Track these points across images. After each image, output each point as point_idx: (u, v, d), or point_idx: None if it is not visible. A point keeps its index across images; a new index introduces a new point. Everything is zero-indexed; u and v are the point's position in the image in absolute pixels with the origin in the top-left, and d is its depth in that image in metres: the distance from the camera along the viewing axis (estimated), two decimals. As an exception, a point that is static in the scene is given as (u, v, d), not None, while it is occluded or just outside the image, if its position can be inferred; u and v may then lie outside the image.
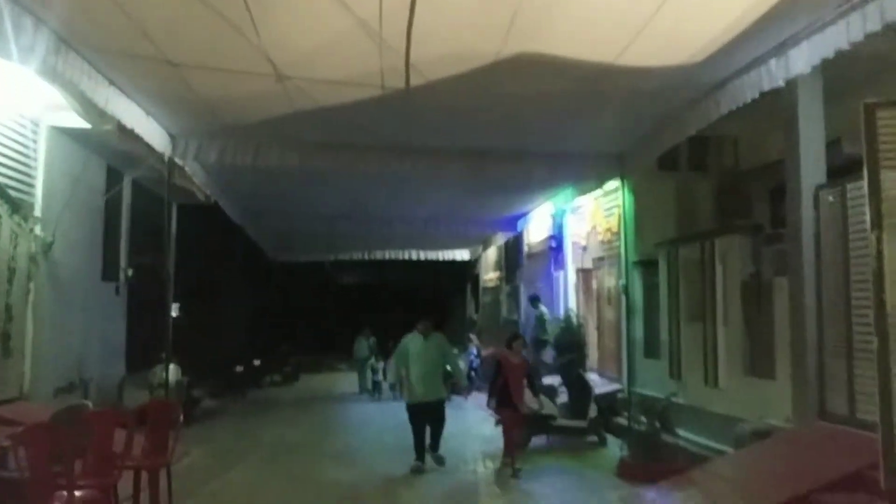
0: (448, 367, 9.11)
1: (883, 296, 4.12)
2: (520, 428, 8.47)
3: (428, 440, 8.32)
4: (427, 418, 8.22)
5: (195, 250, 15.67)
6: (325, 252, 19.62)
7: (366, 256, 19.10)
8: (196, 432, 10.40)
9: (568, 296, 13.71)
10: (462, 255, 19.61)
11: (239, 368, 16.70)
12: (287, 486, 7.40)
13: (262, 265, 21.02)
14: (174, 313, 13.62)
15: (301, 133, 7.98)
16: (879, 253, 4.13)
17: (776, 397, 7.29)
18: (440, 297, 25.29)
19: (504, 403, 8.20)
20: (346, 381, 18.24)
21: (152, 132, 7.37)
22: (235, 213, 12.82)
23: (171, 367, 10.01)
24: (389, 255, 18.73)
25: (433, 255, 19.10)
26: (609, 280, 11.96)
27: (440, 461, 8.21)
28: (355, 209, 13.33)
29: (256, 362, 18.08)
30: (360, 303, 27.56)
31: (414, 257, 18.84)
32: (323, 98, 6.36)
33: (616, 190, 10.83)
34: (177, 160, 8.53)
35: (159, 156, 8.28)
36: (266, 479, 7.80)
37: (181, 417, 6.88)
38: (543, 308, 14.24)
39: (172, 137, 7.93)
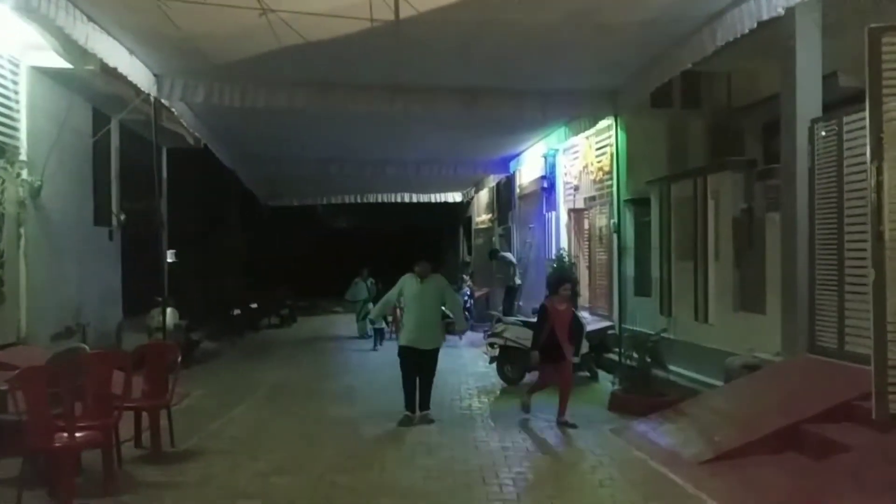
0: (446, 310, 8.48)
1: (881, 228, 4.13)
2: (569, 380, 7.55)
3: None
4: (419, 366, 7.57)
5: (189, 195, 15.53)
6: (318, 196, 19.53)
7: (358, 200, 19.01)
8: (196, 374, 10.53)
9: (560, 236, 13.74)
10: (454, 197, 19.54)
11: (236, 311, 16.79)
12: (289, 424, 7.54)
13: (256, 210, 20.91)
14: (170, 258, 13.64)
15: (288, 72, 7.81)
16: (879, 184, 4.13)
17: (766, 332, 7.41)
18: (433, 239, 25.27)
19: (549, 356, 7.41)
20: (343, 323, 18.39)
21: (136, 71, 7.19)
22: (226, 158, 12.65)
23: (169, 310, 10.07)
24: (382, 198, 18.62)
25: (425, 197, 19.03)
26: (601, 219, 11.97)
27: (428, 419, 7.47)
28: (346, 152, 13.19)
29: (254, 305, 18.17)
30: (353, 246, 27.52)
31: (406, 200, 18.75)
32: (309, 33, 6.18)
33: (608, 128, 10.72)
34: (163, 101, 8.36)
35: (145, 97, 8.11)
36: (267, 417, 7.94)
37: (179, 359, 6.96)
38: (508, 255, 14.53)
39: (157, 77, 7.74)
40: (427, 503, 5.03)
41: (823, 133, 6.62)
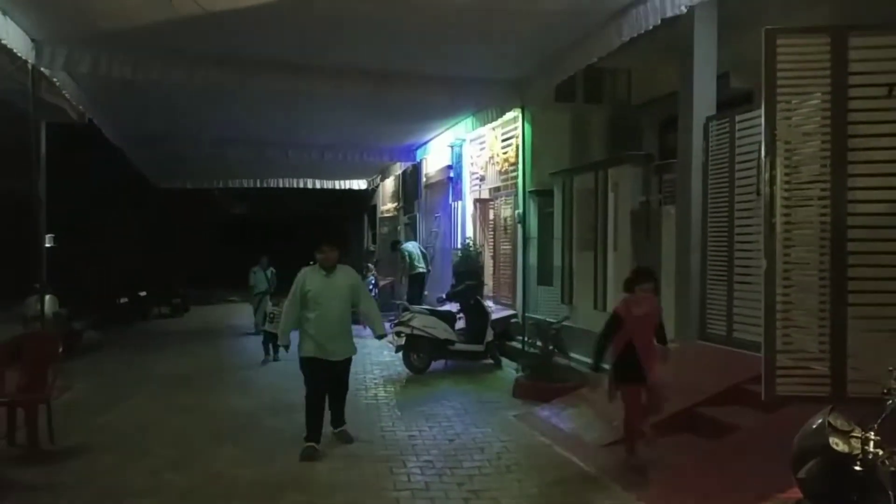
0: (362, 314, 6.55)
1: (774, 220, 4.35)
2: (648, 409, 5.36)
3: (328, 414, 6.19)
4: (328, 381, 6.00)
5: (72, 175, 14.41)
6: (213, 179, 18.61)
7: (258, 184, 18.32)
8: (79, 366, 9.82)
9: (466, 226, 13.83)
10: (359, 184, 19.22)
11: (123, 300, 15.79)
12: (182, 418, 7.15)
13: (146, 193, 19.69)
14: (49, 243, 12.59)
15: (186, 44, 7.31)
16: (772, 178, 4.35)
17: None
18: (337, 227, 24.76)
19: (627, 374, 5.26)
20: (239, 312, 17.73)
21: (11, 35, 6.50)
22: (114, 135, 11.80)
23: (48, 297, 9.28)
24: (283, 183, 18.03)
25: (329, 184, 18.59)
26: (506, 210, 12.13)
27: (347, 438, 6.16)
28: (245, 134, 12.60)
29: (143, 293, 17.16)
30: (252, 233, 26.57)
31: (310, 186, 18.26)
32: (210, 2, 5.82)
33: (514, 120, 10.87)
34: (43, 70, 7.65)
35: (22, 64, 7.38)
36: (158, 411, 7.49)
37: (60, 350, 6.44)
38: (409, 247, 14.48)
39: (36, 43, 7.06)
40: (334, 496, 4.89)
41: (716, 134, 6.97)
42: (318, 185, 18.32)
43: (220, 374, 9.93)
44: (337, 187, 18.97)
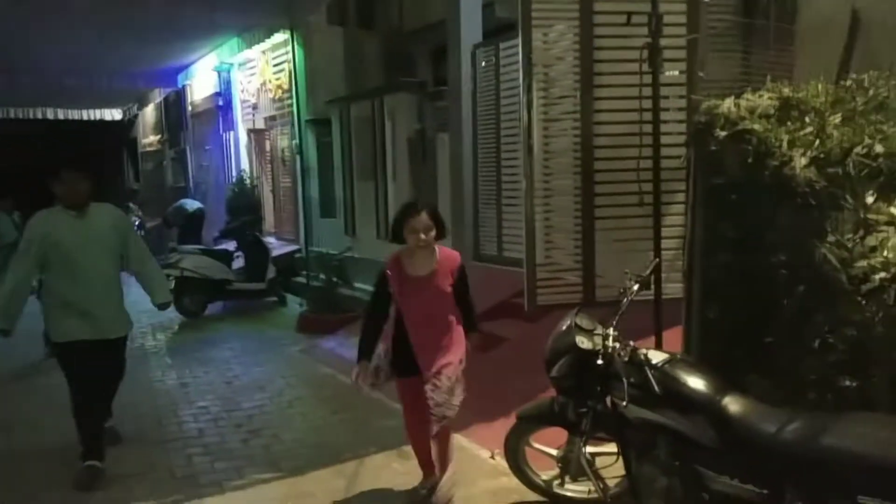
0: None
1: (531, 142, 4.57)
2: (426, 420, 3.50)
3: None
4: (97, 370, 4.22)
5: None
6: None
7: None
8: None
9: (240, 158, 13.03)
10: (113, 114, 17.19)
11: None
12: None
13: None
14: None
15: None
16: (529, 102, 4.53)
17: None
18: (92, 164, 21.89)
19: (403, 365, 3.54)
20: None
21: None
22: None
23: None
24: (17, 113, 15.52)
25: (76, 114, 16.38)
26: (283, 140, 11.60)
27: (114, 434, 4.63)
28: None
29: None
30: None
31: (51, 117, 15.93)
32: None
33: (285, 44, 10.27)
34: None
35: None
36: None
37: None
38: (179, 206, 12.86)
39: None
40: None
41: (483, 61, 7.16)
42: (61, 116, 16.06)
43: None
44: (86, 118, 16.79)
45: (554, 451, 3.38)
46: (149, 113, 18.05)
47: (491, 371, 5.35)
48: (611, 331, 2.80)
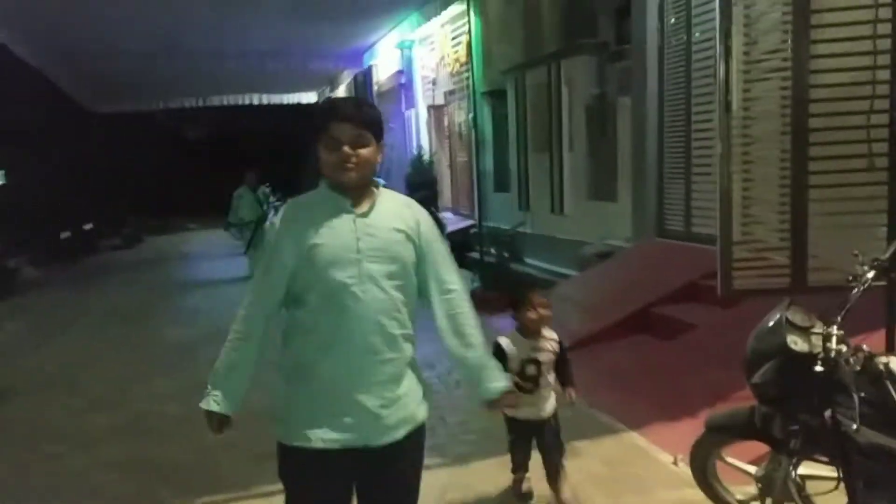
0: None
1: (729, 98, 3.89)
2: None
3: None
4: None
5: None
6: (153, 100, 17.54)
7: (201, 103, 17.33)
8: (14, 305, 9.29)
9: (420, 134, 13.19)
10: (309, 97, 18.28)
11: (66, 234, 15.03)
12: (117, 353, 6.73)
13: (80, 117, 18.49)
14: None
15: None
16: (727, 50, 3.83)
17: (618, 219, 7.39)
18: (294, 147, 23.62)
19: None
20: (198, 240, 17.05)
21: None
22: (30, 53, 10.78)
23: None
24: (227, 100, 17.07)
25: (276, 98, 17.66)
26: (460, 115, 11.51)
27: None
28: (172, 43, 11.60)
29: (88, 226, 16.37)
30: (208, 157, 25.43)
31: (255, 102, 17.32)
32: None
33: (462, 15, 10.08)
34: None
35: None
36: (94, 347, 7.05)
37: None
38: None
39: None
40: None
41: (674, 17, 6.39)
42: (264, 101, 17.39)
43: (163, 303, 9.47)
44: (286, 102, 18.04)
45: (752, 469, 2.80)
46: (340, 93, 19.01)
47: (675, 362, 4.76)
48: (834, 329, 2.18)
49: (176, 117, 23.76)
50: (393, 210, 2.07)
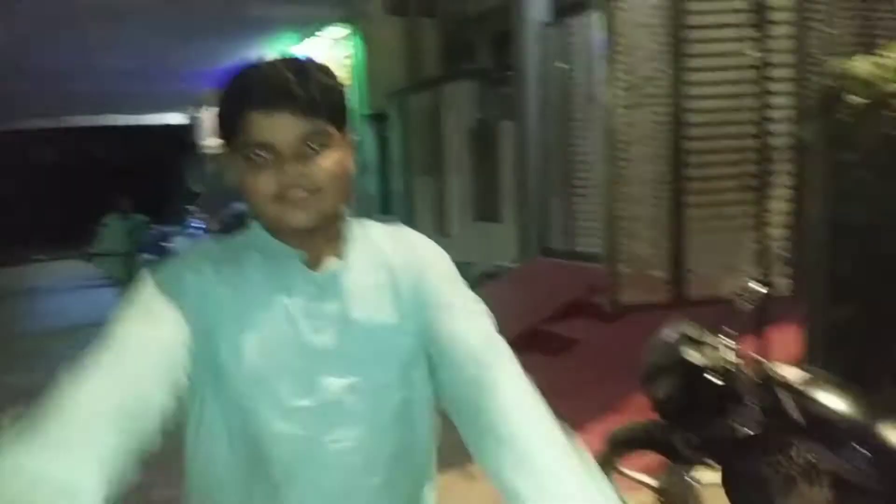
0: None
1: (612, 122, 4.06)
2: None
3: None
4: None
5: None
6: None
7: (57, 124, 15.99)
8: None
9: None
10: (176, 118, 17.41)
11: None
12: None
13: None
14: None
15: None
16: (610, 77, 4.01)
17: (503, 239, 7.54)
18: (159, 169, 22.27)
19: None
20: (47, 274, 15.46)
21: None
22: None
23: None
24: (86, 122, 15.87)
25: (141, 119, 16.66)
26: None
27: None
28: (19, 58, 10.59)
29: None
30: (59, 182, 23.41)
31: (121, 123, 16.26)
32: None
33: (346, 38, 10.02)
34: None
35: None
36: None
37: None
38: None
39: None
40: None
41: (553, 41, 6.66)
42: (128, 122, 16.36)
43: None
44: (152, 123, 17.08)
45: (649, 479, 2.87)
46: (210, 115, 18.27)
47: (566, 378, 4.85)
48: (730, 342, 2.28)
49: (25, 139, 21.72)
50: (377, 263, 1.11)
